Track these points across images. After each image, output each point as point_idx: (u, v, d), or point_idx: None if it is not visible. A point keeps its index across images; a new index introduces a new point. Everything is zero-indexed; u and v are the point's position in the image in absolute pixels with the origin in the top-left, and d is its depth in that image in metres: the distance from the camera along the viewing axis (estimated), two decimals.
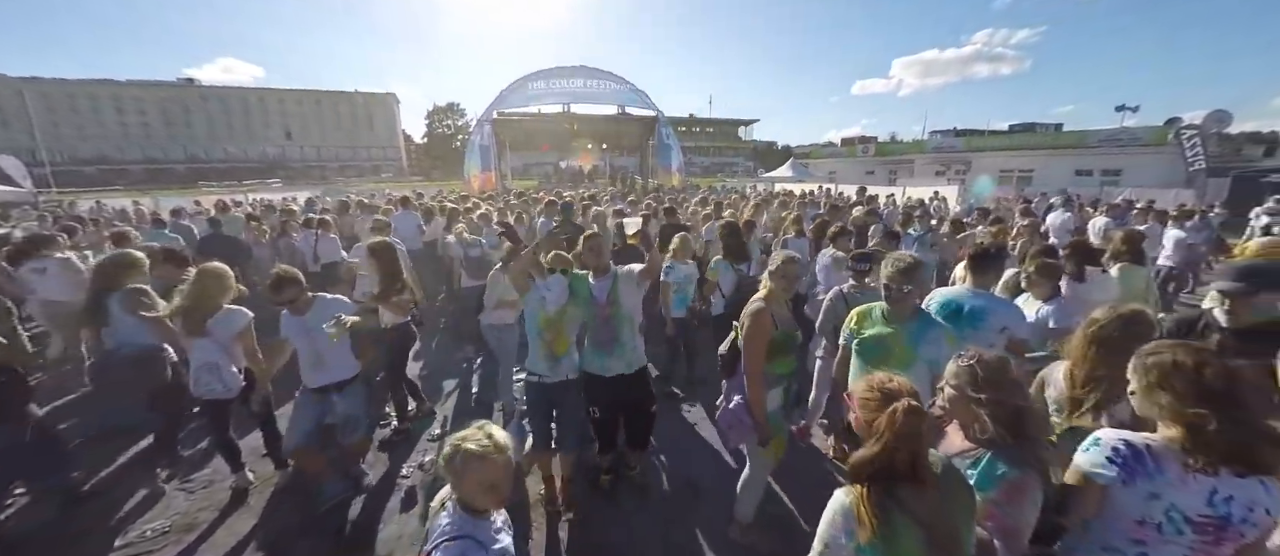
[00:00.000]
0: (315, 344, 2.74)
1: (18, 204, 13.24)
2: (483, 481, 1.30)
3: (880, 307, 2.32)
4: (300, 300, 2.74)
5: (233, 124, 60.33)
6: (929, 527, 1.17)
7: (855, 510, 1.20)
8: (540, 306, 2.64)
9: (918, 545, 1.16)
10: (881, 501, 1.18)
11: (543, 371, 2.70)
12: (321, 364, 2.78)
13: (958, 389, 1.49)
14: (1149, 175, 18.85)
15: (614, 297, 2.66)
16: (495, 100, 19.12)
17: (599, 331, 2.70)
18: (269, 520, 2.89)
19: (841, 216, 6.28)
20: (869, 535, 1.17)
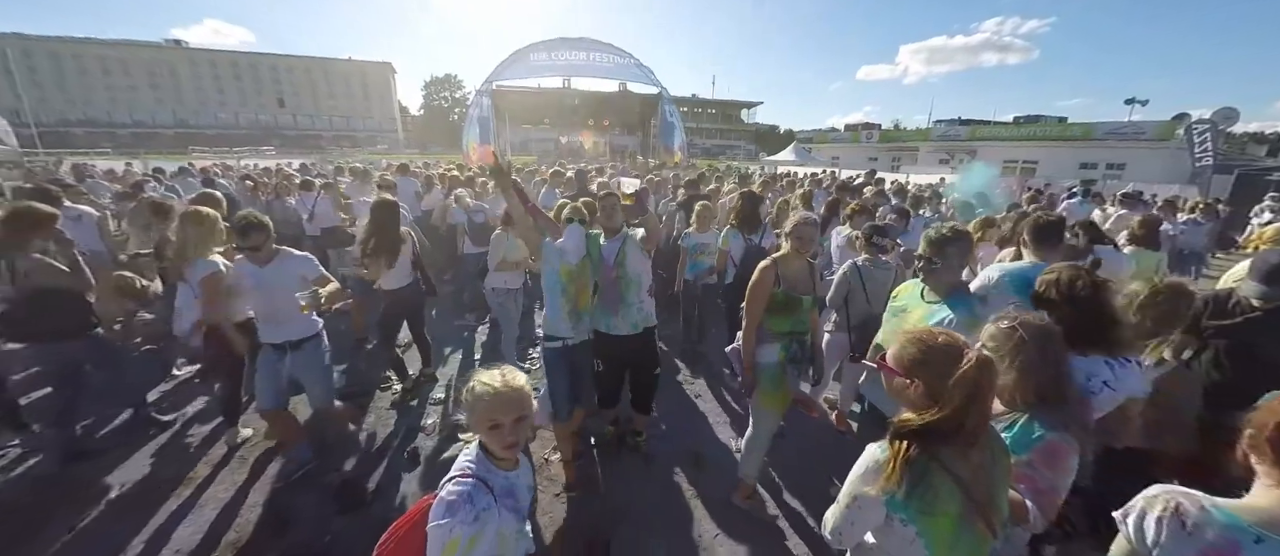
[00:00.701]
0: (273, 299, 2.62)
1: (2, 163, 12.90)
2: (485, 419, 1.28)
3: (921, 285, 2.25)
4: (265, 250, 2.62)
5: (224, 89, 58.82)
6: (968, 487, 1.13)
7: (888, 466, 1.14)
8: (560, 259, 2.60)
9: (956, 505, 1.12)
10: (920, 460, 1.12)
11: (566, 332, 2.66)
12: (276, 319, 2.67)
13: (996, 350, 1.43)
14: (1153, 170, 18.84)
15: (620, 259, 2.64)
16: (495, 70, 18.61)
17: (606, 291, 2.69)
18: (268, 477, 2.85)
19: (853, 196, 6.20)
20: (893, 486, 1.12)
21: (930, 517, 1.13)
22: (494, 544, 1.27)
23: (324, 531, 2.48)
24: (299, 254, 2.79)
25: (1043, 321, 1.43)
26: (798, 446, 3.22)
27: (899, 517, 1.17)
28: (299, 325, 2.71)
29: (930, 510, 1.13)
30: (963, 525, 1.14)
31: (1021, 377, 1.38)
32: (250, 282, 2.64)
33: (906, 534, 1.17)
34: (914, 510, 1.14)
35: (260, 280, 2.63)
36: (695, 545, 2.47)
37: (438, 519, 1.18)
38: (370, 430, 3.32)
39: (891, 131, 40.49)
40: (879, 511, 1.19)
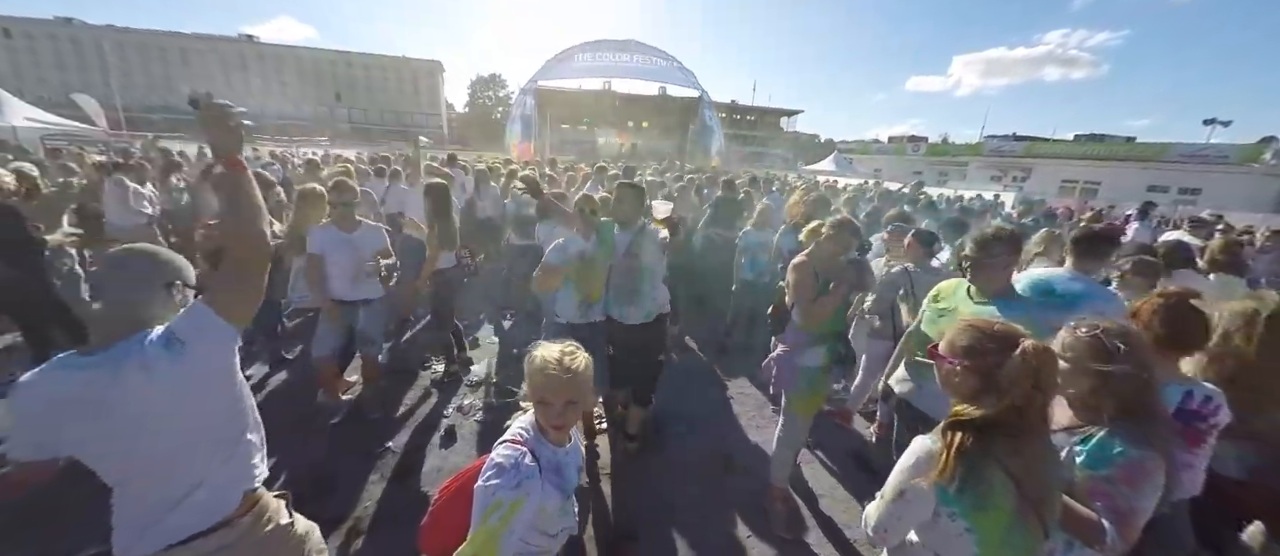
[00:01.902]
0: (357, 259, 2.98)
1: (92, 141, 14.08)
2: (536, 393, 1.29)
3: (967, 284, 2.16)
4: (351, 216, 3.00)
5: (286, 82, 62.54)
6: (1022, 482, 1.07)
7: (942, 459, 1.09)
8: (575, 254, 2.69)
9: (1010, 501, 1.07)
10: (975, 453, 1.08)
11: (571, 315, 2.79)
12: (360, 282, 3.03)
13: (1074, 360, 1.35)
14: (1232, 196, 17.36)
15: (634, 251, 2.66)
16: (540, 69, 19.06)
17: (619, 280, 2.72)
18: (313, 443, 2.99)
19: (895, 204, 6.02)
20: (946, 479, 1.08)
21: (982, 513, 1.09)
22: (535, 516, 1.24)
23: (367, 498, 2.58)
24: (376, 225, 3.18)
25: (1129, 328, 1.34)
26: (832, 452, 3.13)
27: (948, 511, 1.12)
28: (371, 288, 3.10)
29: (983, 505, 1.09)
30: (1015, 522, 1.09)
31: (1103, 388, 1.29)
32: (337, 246, 2.96)
33: (955, 528, 1.13)
34: (966, 505, 1.10)
35: (345, 243, 2.97)
36: (725, 545, 2.43)
37: (486, 478, 1.20)
38: (411, 406, 3.44)
39: (939, 145, 38.96)
40: (928, 505, 1.15)
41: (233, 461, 1.26)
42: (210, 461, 1.22)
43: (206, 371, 1.18)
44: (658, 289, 2.79)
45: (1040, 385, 1.07)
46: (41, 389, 1.08)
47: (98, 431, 1.09)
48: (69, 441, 1.10)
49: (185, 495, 1.18)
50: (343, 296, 3.02)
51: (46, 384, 1.08)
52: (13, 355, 3.77)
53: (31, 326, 3.07)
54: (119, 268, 1.21)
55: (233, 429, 1.27)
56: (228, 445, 1.26)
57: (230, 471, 1.25)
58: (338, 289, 3.01)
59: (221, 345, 1.20)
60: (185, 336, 1.14)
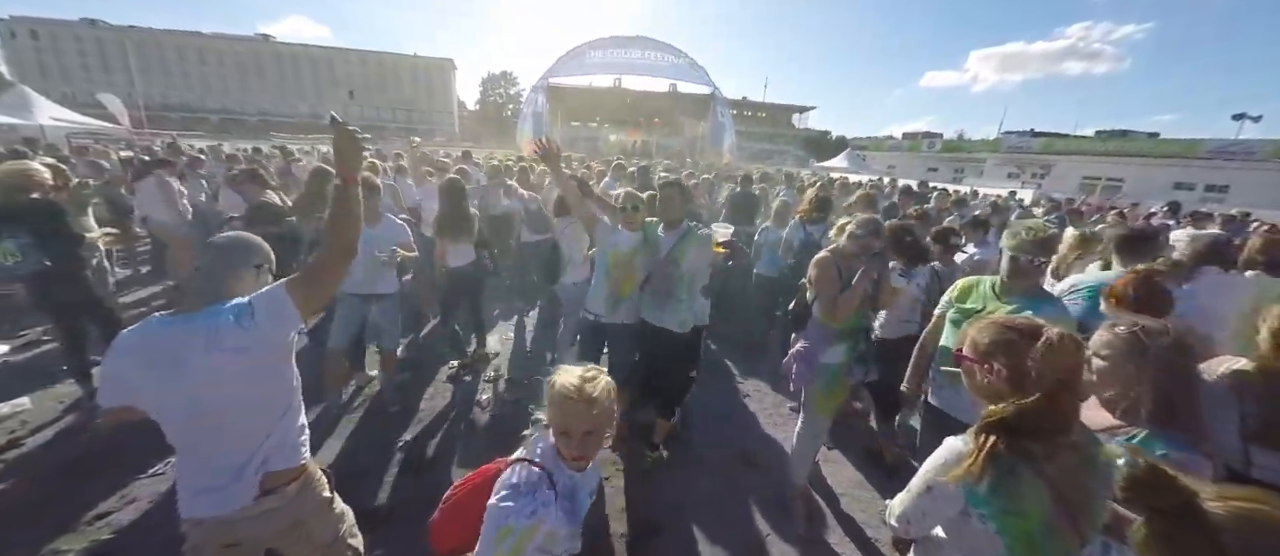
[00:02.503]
0: (374, 254, 2.94)
1: (114, 139, 14.43)
2: (555, 421, 1.22)
3: (991, 281, 2.12)
4: (373, 213, 2.94)
5: (302, 81, 63.47)
6: (1058, 487, 1.03)
7: (972, 459, 1.07)
8: (612, 246, 2.67)
9: (1043, 506, 1.03)
10: (1007, 456, 1.05)
11: (600, 311, 2.75)
12: (376, 277, 3.03)
13: (1111, 358, 1.32)
14: (1262, 194, 16.80)
15: (675, 255, 2.60)
16: (553, 65, 19.10)
17: (657, 283, 2.67)
18: (334, 437, 3.04)
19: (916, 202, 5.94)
20: (974, 479, 1.06)
21: (1013, 517, 1.06)
22: (543, 541, 1.21)
23: (385, 491, 2.61)
24: (396, 221, 3.17)
25: (1170, 329, 1.30)
26: (853, 451, 3.10)
27: (978, 513, 1.09)
28: (387, 282, 3.10)
29: (1014, 509, 1.05)
30: (1049, 528, 1.05)
31: (1142, 388, 1.26)
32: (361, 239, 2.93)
33: (985, 531, 1.10)
34: (996, 508, 1.06)
35: (366, 237, 2.86)
36: (745, 543, 2.42)
37: (500, 498, 1.15)
38: (429, 401, 3.47)
39: (954, 141, 38.30)
40: (955, 504, 1.12)
41: (282, 432, 1.39)
42: (263, 429, 1.35)
43: (266, 345, 1.30)
44: (696, 299, 2.72)
45: (1069, 379, 1.05)
46: (134, 338, 1.24)
47: (170, 385, 1.23)
48: (148, 391, 1.24)
49: (244, 462, 1.31)
50: (357, 290, 3.03)
51: (139, 334, 1.25)
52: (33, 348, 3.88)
53: (65, 318, 3.16)
54: (222, 249, 1.39)
55: (283, 401, 1.39)
56: (279, 415, 1.38)
57: (280, 441, 1.38)
58: (352, 282, 3.00)
59: (286, 325, 1.31)
60: (258, 311, 1.27)
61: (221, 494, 1.30)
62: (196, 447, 1.31)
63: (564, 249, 3.54)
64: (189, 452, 1.33)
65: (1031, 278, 1.97)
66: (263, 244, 1.46)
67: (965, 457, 1.09)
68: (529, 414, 3.36)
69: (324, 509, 1.53)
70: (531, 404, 3.49)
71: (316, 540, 1.52)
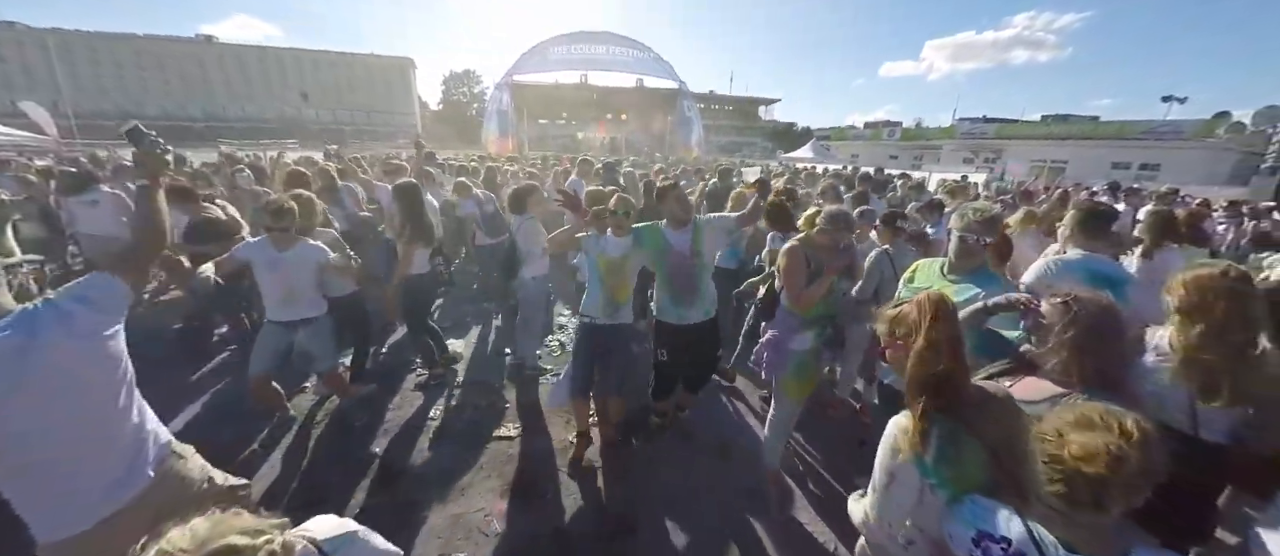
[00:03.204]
0: (289, 280, 2.75)
1: (42, 152, 13.37)
2: None
3: (940, 262, 2.20)
4: (289, 235, 2.72)
5: (251, 83, 60.30)
6: (996, 452, 1.12)
7: (911, 430, 1.16)
8: (601, 253, 2.66)
9: (983, 469, 1.12)
10: (945, 421, 1.14)
11: (597, 314, 2.74)
12: (294, 299, 2.80)
13: (1048, 326, 1.39)
14: (1191, 171, 18.11)
15: (697, 248, 2.64)
16: (516, 62, 18.76)
17: (679, 281, 2.67)
18: (295, 453, 2.92)
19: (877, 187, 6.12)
20: (911, 452, 1.15)
21: (960, 481, 1.13)
22: None
23: (353, 504, 2.52)
24: (314, 243, 2.90)
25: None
26: (823, 436, 3.18)
27: (930, 484, 1.16)
28: (310, 305, 2.87)
29: (959, 473, 1.13)
30: (992, 489, 1.12)
31: (1076, 356, 1.33)
32: (267, 264, 2.72)
33: (938, 502, 1.16)
34: (944, 475, 1.14)
35: (277, 263, 2.72)
36: (722, 530, 2.45)
37: None
38: (396, 411, 3.37)
39: (913, 129, 39.66)
40: (915, 482, 1.18)
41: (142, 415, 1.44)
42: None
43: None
44: (711, 283, 2.79)
45: (939, 327, 1.17)
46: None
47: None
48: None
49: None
50: (276, 318, 2.81)
51: None
52: None
53: None
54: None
55: (127, 379, 1.42)
56: (129, 401, 1.41)
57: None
58: (270, 309, 2.82)
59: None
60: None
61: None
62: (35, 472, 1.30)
63: (521, 245, 3.49)
64: (33, 478, 1.28)
65: (977, 256, 2.04)
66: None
67: (907, 430, 1.17)
68: (498, 418, 3.31)
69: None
70: (500, 407, 3.44)
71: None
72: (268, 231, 2.72)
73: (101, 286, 1.32)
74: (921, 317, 1.20)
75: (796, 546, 2.38)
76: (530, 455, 2.95)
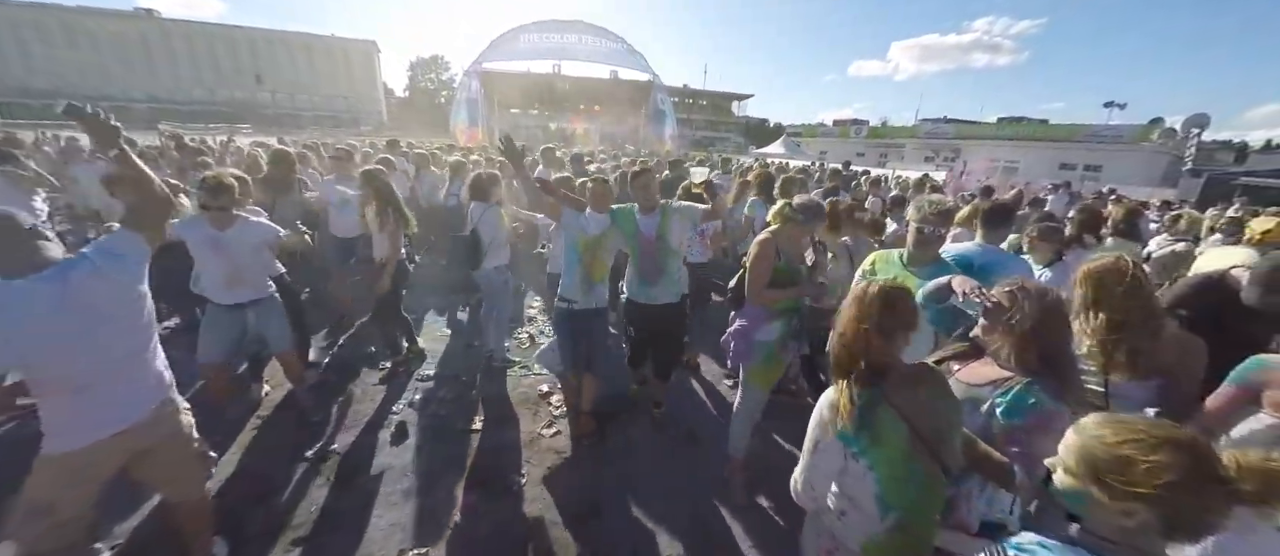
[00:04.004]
0: (234, 260, 2.64)
1: None
2: None
3: (899, 252, 2.28)
4: (227, 213, 2.60)
5: (198, 63, 56.58)
6: (912, 420, 1.20)
7: (839, 401, 1.27)
8: (580, 231, 2.71)
9: (902, 437, 1.20)
10: (867, 392, 1.24)
11: (575, 297, 2.79)
12: (240, 280, 2.70)
13: (996, 312, 1.46)
14: (1129, 172, 19.42)
15: (662, 232, 2.72)
16: (485, 50, 18.26)
17: (644, 262, 2.76)
18: (255, 447, 2.80)
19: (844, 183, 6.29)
20: (845, 421, 1.24)
21: (878, 448, 1.22)
22: None
23: (310, 503, 2.43)
24: (260, 221, 2.80)
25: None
26: (789, 423, 3.26)
27: (851, 452, 1.25)
28: (256, 288, 2.78)
29: (878, 440, 1.22)
30: (910, 458, 1.20)
31: (1021, 342, 1.40)
32: (206, 244, 2.60)
33: (859, 469, 1.25)
34: (864, 442, 1.23)
35: (216, 243, 2.60)
36: (687, 517, 2.49)
37: None
38: (357, 405, 3.27)
39: (879, 128, 40.94)
40: (837, 452, 1.27)
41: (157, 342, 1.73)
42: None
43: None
44: (681, 268, 2.88)
45: (858, 316, 1.28)
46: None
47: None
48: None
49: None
50: (218, 300, 2.69)
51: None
52: None
53: None
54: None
55: (152, 316, 1.70)
56: (153, 330, 1.71)
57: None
58: (211, 292, 2.69)
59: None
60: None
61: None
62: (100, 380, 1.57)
63: (483, 235, 3.43)
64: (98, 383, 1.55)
65: (934, 246, 2.15)
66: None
67: (834, 402, 1.27)
68: (464, 410, 3.25)
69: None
70: (466, 400, 3.38)
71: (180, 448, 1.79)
72: (204, 210, 2.58)
73: (124, 240, 1.57)
74: (849, 302, 1.31)
75: (759, 532, 2.44)
76: (497, 448, 2.92)
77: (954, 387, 1.54)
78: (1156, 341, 1.60)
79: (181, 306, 3.88)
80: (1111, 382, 1.70)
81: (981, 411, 1.42)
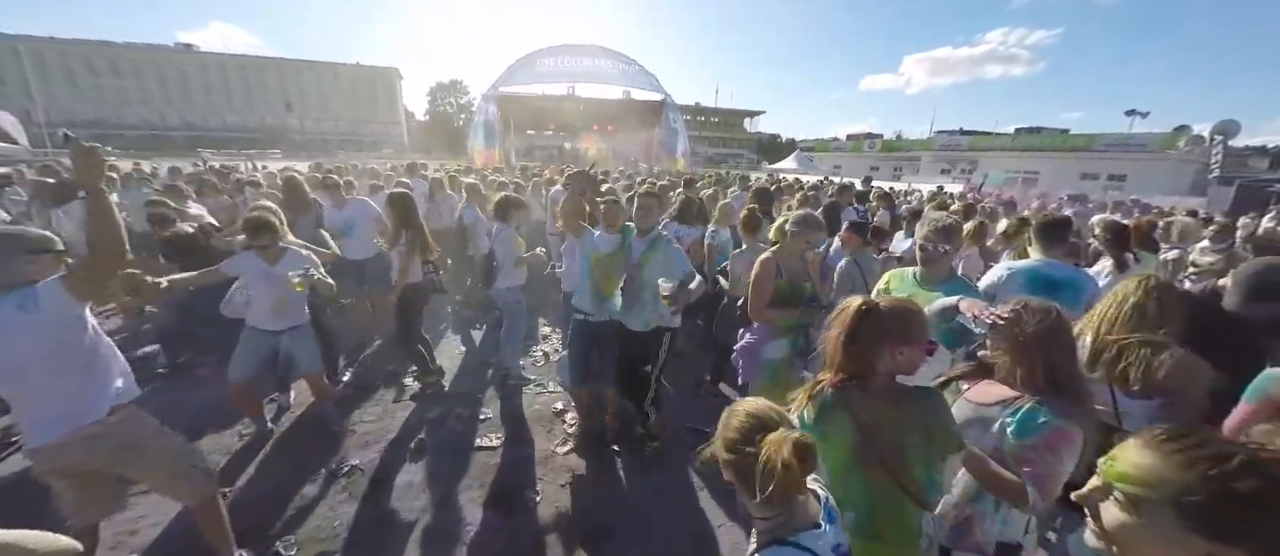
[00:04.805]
0: (278, 292, 2.80)
1: (12, 161, 13.01)
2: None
3: (913, 271, 2.29)
4: (274, 248, 2.80)
5: (232, 92, 59.40)
6: (865, 426, 1.28)
7: (806, 388, 1.38)
8: (593, 248, 2.84)
9: (848, 437, 1.30)
10: (827, 391, 1.34)
11: (588, 309, 2.90)
12: (283, 311, 2.88)
13: (1000, 335, 1.47)
14: (1155, 182, 18.88)
15: (641, 261, 2.73)
16: (503, 74, 18.84)
17: (627, 285, 2.81)
18: (277, 465, 2.89)
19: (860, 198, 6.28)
20: (802, 405, 1.35)
21: (826, 441, 1.30)
22: None
23: (335, 517, 2.51)
24: (301, 252, 2.97)
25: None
26: None
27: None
28: (295, 315, 2.95)
29: (826, 436, 1.31)
30: (854, 464, 1.29)
31: (1026, 361, 1.41)
32: (258, 277, 2.79)
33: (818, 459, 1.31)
34: (817, 433, 1.31)
35: (267, 275, 2.79)
36: (698, 535, 2.49)
37: None
38: (377, 422, 3.36)
39: (893, 141, 40.66)
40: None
41: (84, 384, 1.76)
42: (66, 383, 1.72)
43: (51, 322, 1.64)
44: (658, 301, 2.73)
45: (846, 335, 1.33)
46: None
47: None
48: None
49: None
50: (263, 326, 2.88)
51: None
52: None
53: None
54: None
55: (76, 361, 1.73)
56: (77, 373, 1.74)
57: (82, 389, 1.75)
58: (258, 319, 2.88)
59: (67, 310, 1.65)
60: (41, 299, 1.60)
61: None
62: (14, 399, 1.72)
63: (498, 253, 3.53)
64: (14, 401, 1.72)
65: (940, 263, 2.15)
66: (34, 234, 1.74)
67: (803, 389, 1.39)
68: (481, 428, 3.31)
69: (140, 429, 1.90)
70: (483, 418, 3.45)
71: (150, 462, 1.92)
72: (249, 249, 2.78)
73: (45, 291, 1.62)
74: (842, 317, 1.37)
75: None
76: (513, 464, 2.97)
77: (963, 408, 1.56)
78: (1168, 355, 1.60)
79: (212, 329, 4.04)
80: (1120, 400, 1.69)
81: (992, 431, 1.43)
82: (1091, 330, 1.80)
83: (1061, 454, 1.34)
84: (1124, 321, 1.71)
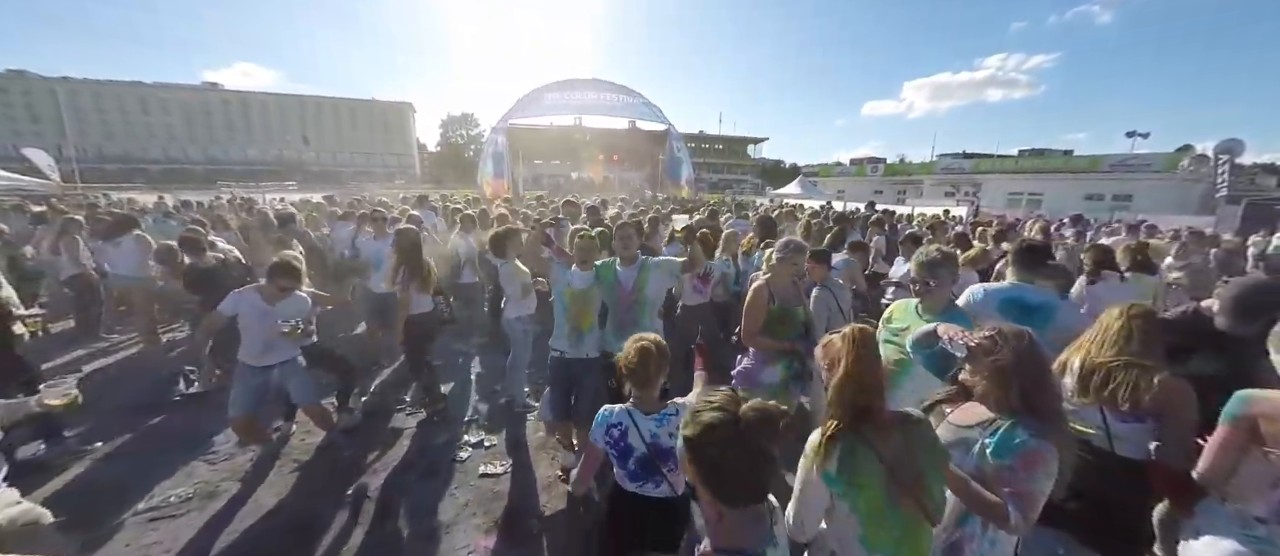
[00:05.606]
0: (274, 330, 2.93)
1: (44, 196, 13.59)
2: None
3: (913, 303, 2.34)
4: (285, 292, 2.99)
5: (252, 127, 61.76)
6: (891, 464, 1.26)
7: (820, 442, 1.33)
8: (566, 283, 2.83)
9: (879, 478, 1.27)
10: (846, 436, 1.30)
11: (564, 347, 2.87)
12: (272, 349, 3.01)
13: (975, 358, 1.54)
14: (1160, 201, 18.80)
15: (639, 284, 2.79)
16: (511, 108, 19.49)
17: (621, 315, 2.82)
18: (286, 490, 2.97)
19: (852, 227, 6.38)
20: (821, 461, 1.30)
21: (857, 489, 1.28)
22: None
23: (343, 542, 2.57)
24: (300, 294, 3.12)
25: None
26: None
27: (835, 492, 1.31)
28: (287, 352, 3.10)
29: (855, 481, 1.28)
30: (889, 501, 1.26)
31: (1001, 384, 1.47)
32: (256, 315, 2.93)
33: (843, 510, 1.30)
34: (844, 483, 1.29)
35: (265, 315, 2.94)
36: None
37: None
38: (386, 449, 3.43)
39: (896, 165, 40.97)
40: (823, 491, 1.32)
41: None
42: None
43: None
44: (655, 323, 2.86)
45: (858, 359, 1.34)
46: None
47: None
48: None
49: None
50: (254, 363, 2.99)
51: None
52: None
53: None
54: None
55: None
56: None
57: None
58: (248, 355, 2.98)
59: None
60: None
61: None
62: None
63: (504, 286, 3.68)
64: None
65: (933, 295, 2.19)
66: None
67: (815, 442, 1.34)
68: (485, 455, 3.37)
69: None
70: (488, 445, 3.51)
71: None
72: (269, 284, 2.95)
73: None
74: (845, 348, 1.35)
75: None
76: (516, 491, 3.01)
77: (946, 430, 1.62)
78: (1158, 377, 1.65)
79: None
80: (1112, 424, 1.74)
81: (973, 452, 1.48)
82: (1080, 355, 1.87)
83: (1036, 472, 1.38)
84: (1109, 346, 1.78)
